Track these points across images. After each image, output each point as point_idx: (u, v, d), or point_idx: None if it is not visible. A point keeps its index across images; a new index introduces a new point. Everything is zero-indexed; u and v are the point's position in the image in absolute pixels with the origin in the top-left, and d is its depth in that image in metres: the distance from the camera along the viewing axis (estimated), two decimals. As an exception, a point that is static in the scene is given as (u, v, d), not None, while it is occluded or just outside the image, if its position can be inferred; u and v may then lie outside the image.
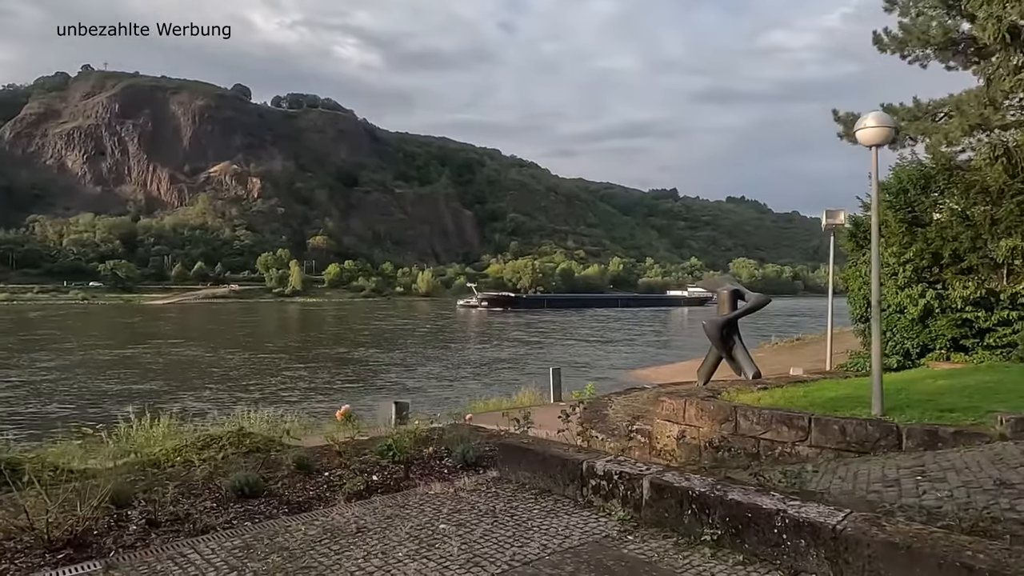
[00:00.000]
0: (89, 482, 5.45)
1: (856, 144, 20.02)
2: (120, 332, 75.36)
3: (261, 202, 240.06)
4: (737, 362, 16.46)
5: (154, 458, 8.12)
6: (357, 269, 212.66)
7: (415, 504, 4.73)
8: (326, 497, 5.19)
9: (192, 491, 5.54)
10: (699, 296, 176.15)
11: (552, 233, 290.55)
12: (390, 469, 5.97)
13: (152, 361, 47.57)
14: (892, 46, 18.83)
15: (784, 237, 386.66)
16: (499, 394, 28.99)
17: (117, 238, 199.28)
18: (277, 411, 19.35)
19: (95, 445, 18.64)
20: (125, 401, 31.14)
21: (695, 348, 62.61)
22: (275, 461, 6.49)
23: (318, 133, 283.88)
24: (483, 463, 6.17)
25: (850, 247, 16.62)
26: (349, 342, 65.70)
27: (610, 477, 4.54)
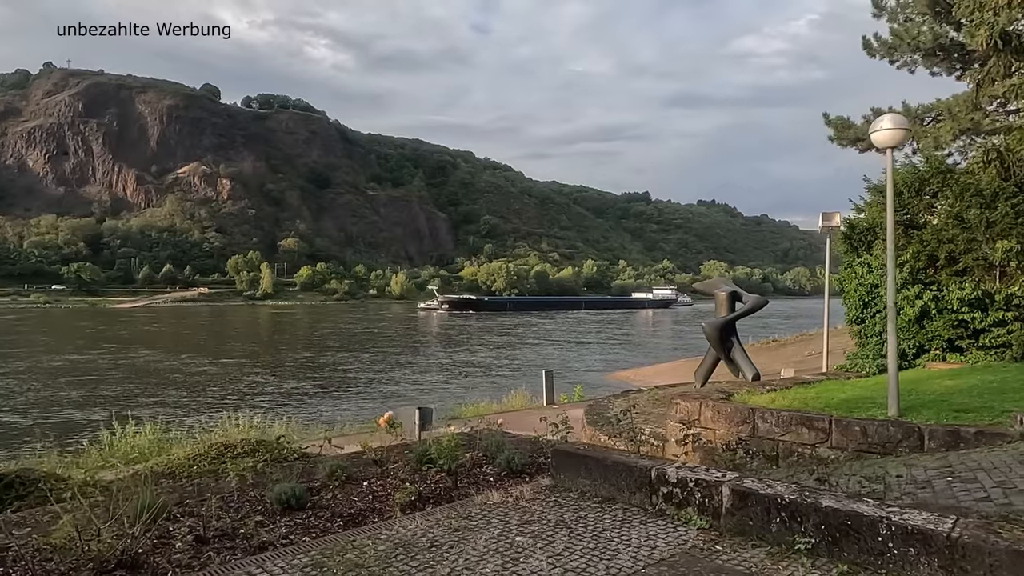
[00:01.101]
0: (117, 495, 5.15)
1: (846, 147, 20.25)
2: (82, 336, 73.21)
3: (231, 204, 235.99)
4: (736, 364, 16.51)
5: (167, 468, 7.79)
6: (329, 272, 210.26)
7: (478, 515, 4.54)
8: (377, 508, 4.96)
9: (229, 503, 5.26)
10: (664, 298, 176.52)
11: (526, 235, 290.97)
12: (433, 477, 5.76)
13: (113, 366, 46.16)
14: (881, 51, 19.16)
15: (754, 240, 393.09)
16: (482, 397, 28.78)
17: (81, 240, 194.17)
18: (256, 418, 18.90)
19: (78, 455, 17.93)
20: (86, 409, 30.21)
21: (667, 350, 63.22)
22: (306, 471, 6.23)
23: (289, 134, 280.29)
24: (527, 470, 5.99)
25: (844, 249, 16.80)
26: (320, 346, 64.65)
27: (684, 484, 4.40)
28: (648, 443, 11.70)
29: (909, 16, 19.00)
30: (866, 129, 19.25)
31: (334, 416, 28.80)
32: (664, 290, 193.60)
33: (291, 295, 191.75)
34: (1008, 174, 14.46)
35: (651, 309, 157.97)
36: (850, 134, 19.52)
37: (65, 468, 14.18)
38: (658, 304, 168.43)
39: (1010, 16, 15.11)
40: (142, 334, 79.86)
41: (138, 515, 4.71)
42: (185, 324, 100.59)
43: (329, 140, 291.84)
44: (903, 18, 19.17)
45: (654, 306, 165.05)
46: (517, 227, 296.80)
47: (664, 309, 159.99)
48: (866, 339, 16.04)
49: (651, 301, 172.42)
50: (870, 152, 20.96)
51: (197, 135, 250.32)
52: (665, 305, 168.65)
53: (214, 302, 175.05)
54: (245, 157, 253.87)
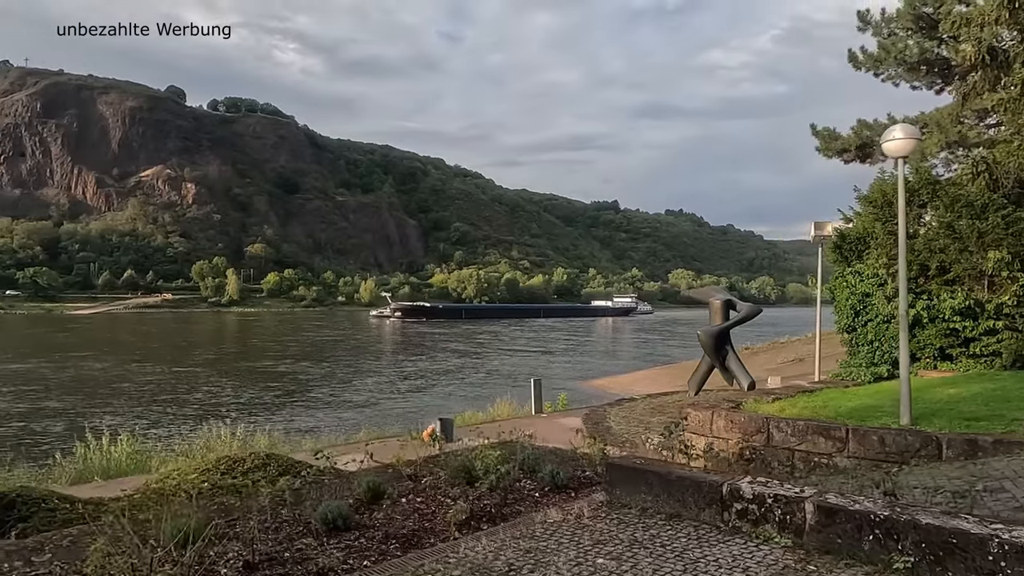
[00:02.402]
0: (149, 515, 4.80)
1: (832, 158, 20.52)
2: (37, 344, 70.56)
3: (196, 208, 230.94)
4: (731, 372, 16.53)
5: (173, 484, 7.37)
6: (297, 278, 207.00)
7: (544, 535, 4.30)
8: (428, 527, 4.68)
9: (265, 524, 4.91)
10: (624, 306, 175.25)
11: (497, 243, 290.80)
12: (473, 493, 5.49)
13: (68, 376, 44.35)
14: (867, 64, 19.50)
15: (720, 249, 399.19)
16: (461, 406, 28.37)
17: (38, 244, 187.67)
18: (238, 429, 18.24)
19: (51, 470, 17.07)
20: (42, 420, 28.92)
21: (637, 358, 63.37)
22: (335, 487, 5.90)
23: (257, 138, 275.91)
24: (570, 485, 5.76)
25: (834, 259, 16.97)
26: (285, 354, 63.05)
27: (762, 500, 4.22)
28: (658, 452, 11.58)
29: (893, 31, 19.39)
30: (852, 140, 19.60)
31: (312, 426, 28.16)
32: (624, 298, 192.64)
33: (258, 302, 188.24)
34: (996, 185, 14.77)
35: (611, 317, 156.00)
36: (836, 145, 19.80)
37: (38, 483, 13.49)
38: (618, 312, 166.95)
39: (994, 32, 15.46)
40: (100, 341, 77.33)
41: (173, 537, 4.37)
42: (146, 331, 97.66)
43: (298, 145, 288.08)
44: (887, 32, 19.56)
45: (614, 314, 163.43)
46: (488, 234, 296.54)
47: (624, 317, 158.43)
48: (858, 347, 16.19)
49: (611, 309, 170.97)
50: (854, 163, 21.37)
51: (161, 138, 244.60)
52: (625, 313, 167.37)
53: (178, 308, 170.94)
54: (211, 161, 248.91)
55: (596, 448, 6.28)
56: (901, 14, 18.58)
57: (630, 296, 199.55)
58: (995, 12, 14.55)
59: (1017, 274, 14.08)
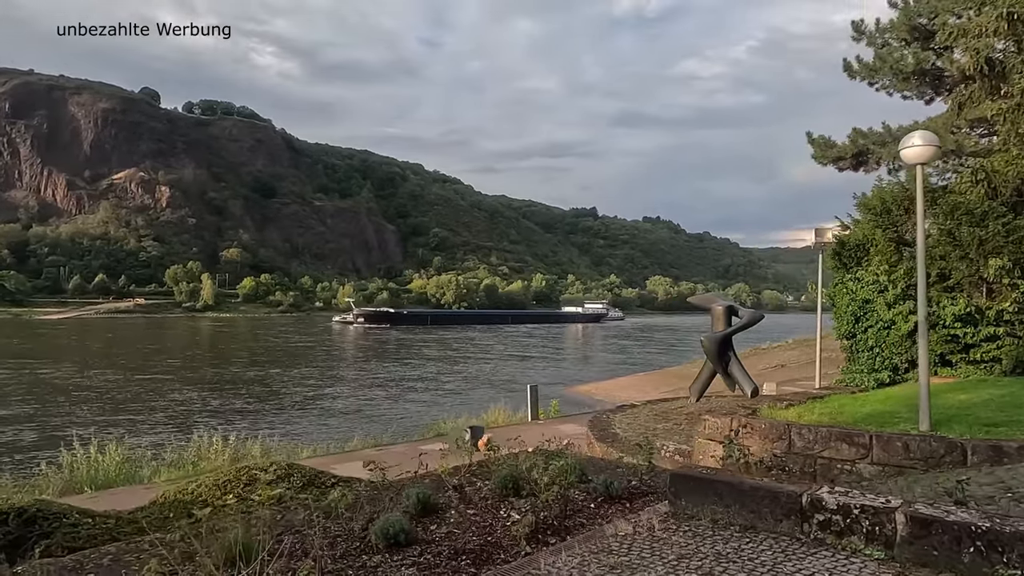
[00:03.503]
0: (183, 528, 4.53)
1: (827, 166, 20.68)
2: (27, 350, 68.61)
3: (170, 212, 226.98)
4: (734, 378, 16.53)
5: (192, 497, 7.05)
6: (274, 283, 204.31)
7: (622, 549, 4.12)
8: (492, 541, 4.46)
9: (308, 538, 4.65)
10: (595, 313, 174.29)
11: (476, 249, 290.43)
12: (524, 504, 5.28)
13: (26, 383, 42.99)
14: (862, 73, 19.72)
15: (696, 256, 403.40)
16: (447, 413, 28.05)
17: (5, 247, 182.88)
18: (231, 437, 17.76)
19: (35, 479, 16.42)
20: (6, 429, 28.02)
21: (617, 364, 63.40)
22: (375, 498, 5.65)
23: (233, 142, 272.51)
24: (623, 495, 5.57)
25: (833, 265, 17.08)
26: (262, 360, 62.11)
27: (847, 511, 4.09)
28: (673, 460, 11.47)
29: (887, 41, 19.65)
30: (849, 149, 19.79)
31: (298, 433, 27.62)
32: (595, 304, 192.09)
33: (233, 307, 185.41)
34: (995, 193, 14.97)
35: (581, 324, 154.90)
36: (832, 153, 19.97)
37: (28, 493, 12.94)
38: (588, 318, 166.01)
39: (988, 43, 15.69)
40: (68, 347, 75.35)
41: (225, 555, 4.11)
42: (116, 337, 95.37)
43: (275, 149, 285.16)
44: (881, 43, 19.81)
45: (584, 320, 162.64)
46: (467, 240, 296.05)
47: (595, 324, 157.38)
48: (858, 353, 16.28)
49: (581, 315, 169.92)
50: (848, 172, 21.59)
51: (135, 140, 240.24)
52: (596, 319, 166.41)
53: (151, 313, 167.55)
54: (186, 164, 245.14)
55: (642, 457, 6.12)
56: (896, 25, 18.84)
57: (601, 303, 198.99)
58: (993, 24, 14.79)
59: (1017, 281, 14.27)
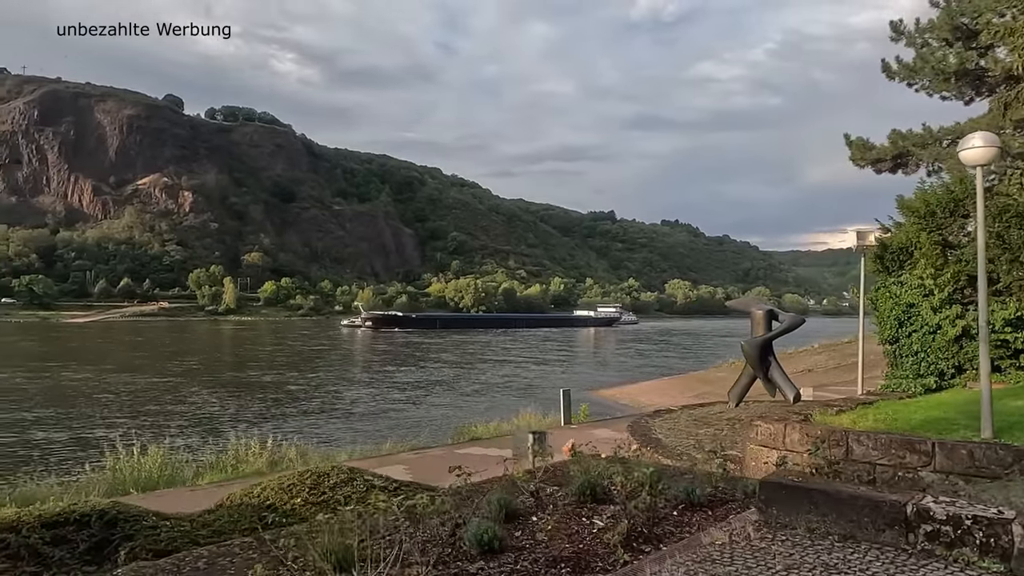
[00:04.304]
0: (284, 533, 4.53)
1: (864, 168, 20.39)
2: (28, 353, 69.69)
3: (193, 216, 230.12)
4: (775, 383, 16.35)
5: (259, 500, 7.08)
6: (294, 287, 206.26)
7: (724, 558, 4.06)
8: (588, 550, 4.42)
9: (401, 543, 4.64)
10: (608, 317, 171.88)
11: (494, 252, 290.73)
12: (604, 511, 5.24)
13: (56, 385, 43.52)
14: (902, 74, 19.45)
15: (716, 260, 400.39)
16: (473, 416, 28.02)
17: (33, 251, 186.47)
18: (269, 440, 17.85)
19: (83, 480, 16.61)
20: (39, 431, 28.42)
21: (636, 368, 62.85)
22: (456, 504, 5.63)
23: (254, 147, 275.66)
24: (705, 502, 5.50)
25: (874, 269, 16.83)
26: (279, 364, 62.26)
27: (957, 521, 4.00)
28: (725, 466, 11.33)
29: (927, 41, 19.36)
30: (889, 151, 19.52)
31: (328, 437, 27.75)
32: (608, 308, 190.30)
33: (255, 310, 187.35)
34: (1045, 196, 14.68)
35: (593, 327, 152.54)
36: (871, 155, 19.71)
37: (75, 494, 13.12)
38: (601, 322, 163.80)
39: (1036, 43, 15.39)
40: (93, 350, 76.48)
41: (324, 560, 4.12)
42: (141, 340, 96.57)
43: (295, 154, 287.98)
44: (920, 43, 19.53)
45: (596, 324, 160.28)
46: (484, 244, 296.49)
47: (607, 328, 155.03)
48: (901, 359, 16.01)
49: (593, 319, 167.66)
50: (870, 174, 21.31)
51: (158, 146, 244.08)
52: (608, 323, 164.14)
53: (174, 317, 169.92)
54: (208, 169, 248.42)
55: (716, 464, 6.05)
56: (937, 25, 18.55)
57: (614, 306, 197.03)
58: (1043, 22, 14.53)
59: (1070, 285, 13.98)
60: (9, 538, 5.03)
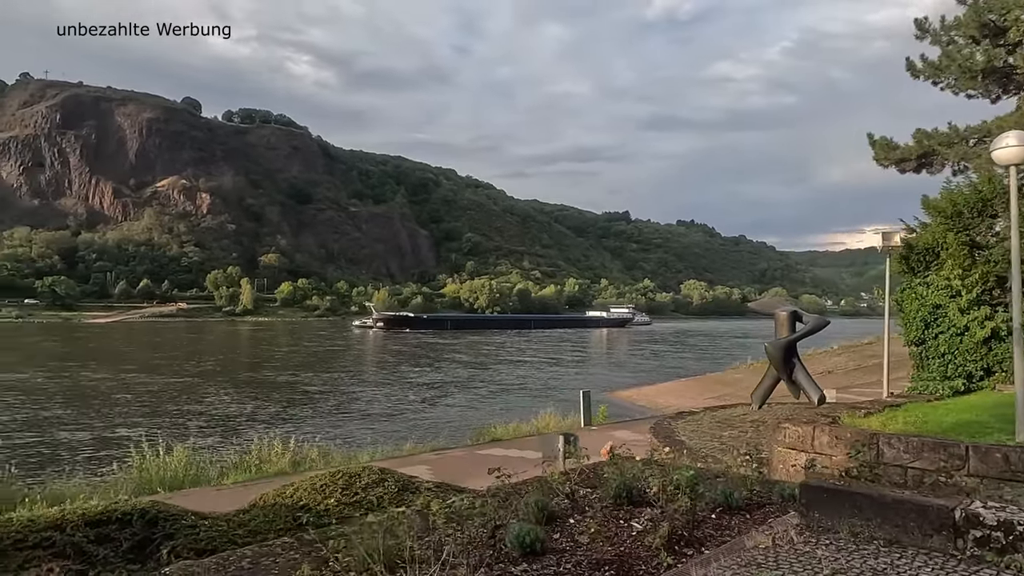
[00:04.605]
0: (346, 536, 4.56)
1: (887, 168, 20.14)
2: (49, 354, 70.69)
3: (211, 218, 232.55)
4: (799, 385, 16.22)
5: (292, 500, 7.14)
6: (311, 287, 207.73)
7: (769, 562, 4.03)
8: (630, 553, 4.41)
9: (438, 545, 4.66)
10: (620, 317, 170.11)
11: (508, 253, 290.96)
12: (642, 514, 5.23)
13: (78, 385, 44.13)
14: (927, 72, 19.21)
15: (732, 260, 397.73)
16: (491, 418, 28.02)
17: (56, 253, 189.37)
18: (291, 441, 17.93)
19: (109, 479, 16.82)
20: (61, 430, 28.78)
21: (652, 370, 62.44)
22: (498, 505, 5.64)
23: (270, 149, 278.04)
24: (742, 505, 5.47)
25: (900, 269, 16.62)
26: (294, 365, 62.47)
27: (1009, 527, 3.95)
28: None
29: (953, 39, 19.12)
30: (913, 150, 19.29)
31: (346, 437, 27.89)
32: (620, 308, 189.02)
33: (272, 311, 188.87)
34: (1077, 196, 14.40)
35: (605, 328, 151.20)
36: (895, 155, 19.49)
37: (104, 493, 13.31)
38: (613, 323, 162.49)
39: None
40: (114, 350, 77.44)
41: (366, 561, 4.15)
42: (161, 341, 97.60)
43: (311, 156, 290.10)
44: (946, 40, 19.28)
45: (609, 325, 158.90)
46: (499, 245, 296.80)
47: (620, 328, 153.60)
48: (927, 360, 15.81)
49: (606, 320, 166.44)
50: (908, 175, 21.04)
51: (177, 149, 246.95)
52: (621, 324, 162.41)
53: (193, 318, 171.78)
54: (225, 171, 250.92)
55: (751, 466, 6.02)
56: (963, 22, 18.32)
57: (627, 307, 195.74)
58: (1073, 19, 14.29)
59: (1102, 286, 13.70)
60: (55, 536, 5.11)
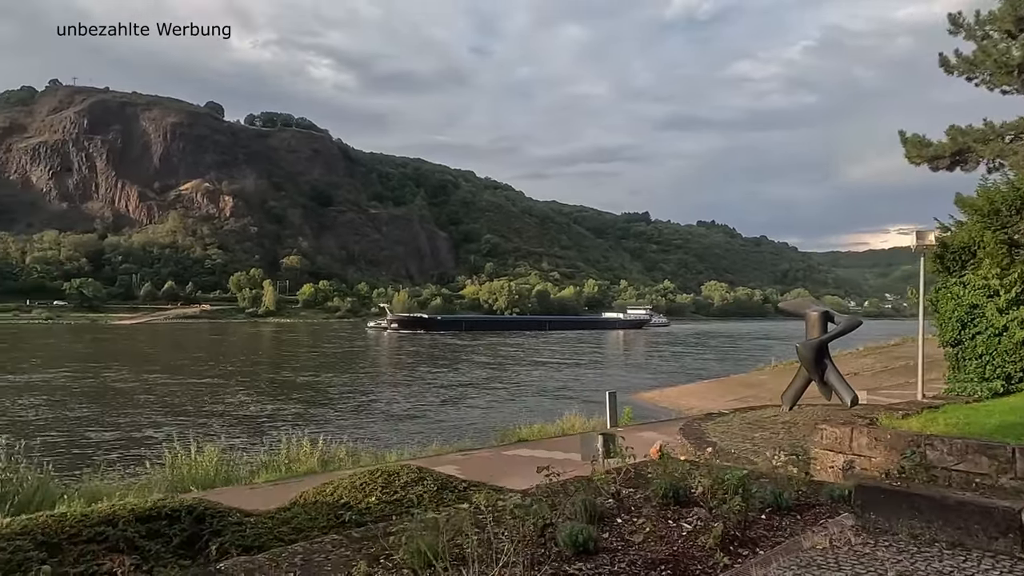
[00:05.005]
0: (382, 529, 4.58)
1: (919, 166, 19.76)
2: (74, 355, 71.95)
3: (233, 221, 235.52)
4: (831, 386, 15.99)
5: (334, 498, 7.17)
6: (332, 289, 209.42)
7: (830, 563, 3.96)
8: (684, 552, 4.37)
9: (477, 542, 4.65)
10: (637, 319, 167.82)
11: (527, 255, 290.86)
12: (689, 514, 5.18)
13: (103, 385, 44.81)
14: (961, 67, 18.86)
15: (753, 261, 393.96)
16: (514, 419, 27.95)
17: (83, 256, 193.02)
18: (320, 441, 18.02)
19: (136, 477, 17.04)
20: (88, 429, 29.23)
21: (672, 372, 61.78)
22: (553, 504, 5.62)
23: (292, 152, 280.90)
24: (792, 506, 5.40)
25: (935, 269, 16.32)
26: (314, 365, 62.74)
27: (1081, 530, 3.84)
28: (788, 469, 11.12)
29: (987, 33, 18.75)
30: (948, 147, 18.95)
31: (371, 437, 28.02)
32: (638, 310, 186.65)
33: (293, 312, 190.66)
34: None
35: (622, 330, 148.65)
36: (928, 152, 19.14)
37: (139, 491, 13.49)
38: (630, 325, 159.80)
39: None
40: (140, 351, 78.58)
41: (415, 558, 4.14)
42: (186, 342, 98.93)
43: (331, 158, 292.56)
44: (981, 35, 18.92)
45: (625, 327, 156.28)
46: (518, 246, 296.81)
47: (636, 330, 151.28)
48: (964, 361, 15.50)
49: (622, 321, 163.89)
50: (942, 172, 20.67)
51: (200, 152, 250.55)
52: (638, 326, 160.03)
53: (216, 319, 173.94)
54: (248, 175, 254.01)
55: (798, 468, 5.94)
56: (999, 16, 17.96)
57: (644, 308, 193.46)
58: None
59: None
60: (108, 531, 5.18)
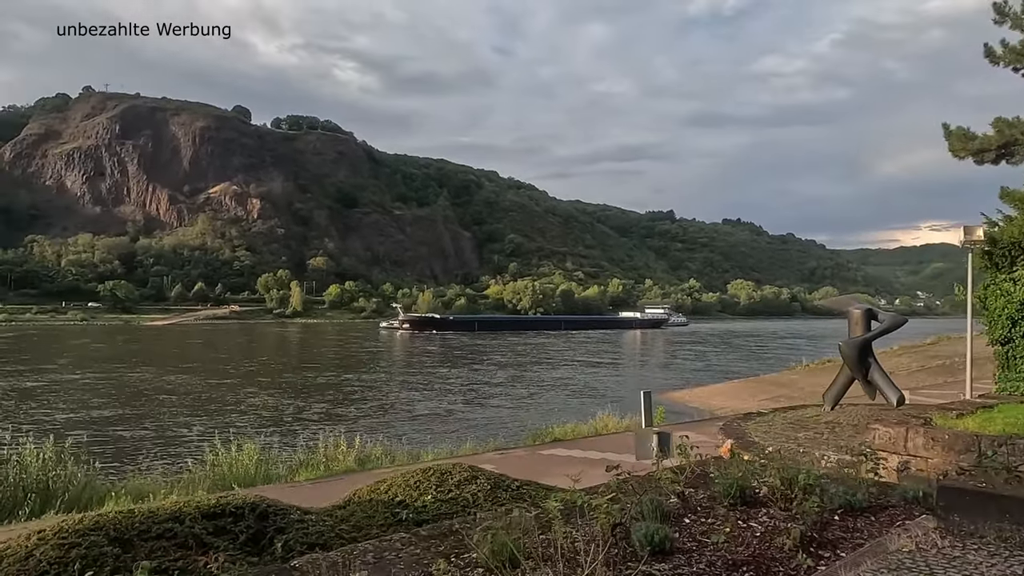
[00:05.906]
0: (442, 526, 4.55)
1: (963, 159, 19.30)
2: (125, 353, 73.50)
3: (261, 223, 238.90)
4: (875, 385, 15.64)
5: (388, 497, 7.17)
6: (357, 290, 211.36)
7: (918, 566, 3.85)
8: (763, 554, 4.27)
9: (545, 541, 4.61)
10: (655, 318, 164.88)
11: (551, 254, 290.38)
12: (758, 514, 5.08)
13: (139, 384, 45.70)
14: (1008, 58, 18.34)
15: (780, 259, 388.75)
16: (543, 419, 27.86)
17: (116, 258, 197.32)
18: (356, 440, 18.11)
19: (179, 475, 17.25)
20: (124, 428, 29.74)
21: (698, 371, 60.88)
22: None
23: (317, 155, 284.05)
24: (865, 507, 5.26)
25: (983, 265, 15.90)
26: (339, 365, 63.05)
27: None
28: (839, 471, 10.91)
29: (1035, 22, 18.22)
30: (994, 140, 18.45)
31: (401, 436, 28.14)
32: (656, 309, 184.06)
33: (320, 313, 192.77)
34: None
35: (639, 330, 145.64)
36: (973, 145, 18.64)
37: (182, 489, 13.68)
38: (647, 324, 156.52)
39: None
40: (173, 352, 79.99)
41: (495, 556, 4.11)
42: (216, 342, 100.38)
43: (356, 160, 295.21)
44: (1028, 25, 18.39)
45: (643, 326, 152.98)
46: (541, 246, 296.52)
47: (654, 329, 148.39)
48: (1015, 360, 15.08)
49: (639, 321, 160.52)
50: (986, 166, 20.14)
51: (228, 156, 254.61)
52: (655, 325, 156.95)
53: (244, 320, 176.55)
54: (274, 177, 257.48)
55: (868, 468, 5.80)
56: (1048, 4, 17.45)
57: (662, 307, 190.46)
58: None
59: None
60: (175, 528, 5.24)
